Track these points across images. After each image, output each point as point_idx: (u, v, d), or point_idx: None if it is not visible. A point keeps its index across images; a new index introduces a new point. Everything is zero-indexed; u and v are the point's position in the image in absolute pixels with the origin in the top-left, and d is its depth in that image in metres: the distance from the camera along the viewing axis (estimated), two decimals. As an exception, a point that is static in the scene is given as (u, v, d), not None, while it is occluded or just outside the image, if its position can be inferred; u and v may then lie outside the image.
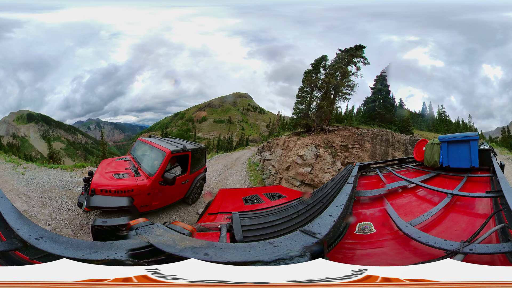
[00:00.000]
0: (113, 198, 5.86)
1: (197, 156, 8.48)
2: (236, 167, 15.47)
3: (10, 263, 2.33)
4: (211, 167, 13.91)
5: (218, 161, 16.25)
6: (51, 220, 6.36)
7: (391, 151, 13.82)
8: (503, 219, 2.91)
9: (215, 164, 15.23)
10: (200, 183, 8.87)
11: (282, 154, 14.40)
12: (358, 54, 14.40)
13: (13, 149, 17.01)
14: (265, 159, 15.81)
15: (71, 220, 6.30)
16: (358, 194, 4.32)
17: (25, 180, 8.47)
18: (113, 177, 6.44)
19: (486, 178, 4.71)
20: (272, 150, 15.81)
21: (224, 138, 21.42)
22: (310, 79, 14.98)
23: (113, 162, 8.00)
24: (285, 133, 16.81)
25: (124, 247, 2.25)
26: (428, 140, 6.32)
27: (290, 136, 15.23)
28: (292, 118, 16.07)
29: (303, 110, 15.30)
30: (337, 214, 2.88)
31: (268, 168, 14.90)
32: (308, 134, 14.82)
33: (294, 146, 13.83)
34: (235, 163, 16.22)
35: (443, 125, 16.84)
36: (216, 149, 20.43)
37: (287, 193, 7.05)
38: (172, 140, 8.83)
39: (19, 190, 7.60)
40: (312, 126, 15.14)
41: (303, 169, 12.99)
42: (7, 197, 2.87)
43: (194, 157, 8.05)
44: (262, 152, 16.65)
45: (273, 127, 20.47)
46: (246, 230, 3.12)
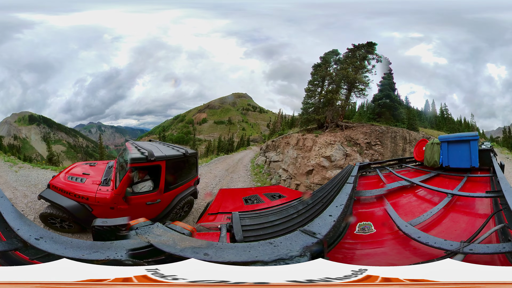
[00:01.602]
0: (62, 198, 5.97)
1: (179, 167, 6.89)
2: (239, 171, 14.51)
3: (10, 263, 2.33)
4: (209, 173, 13.31)
5: (218, 165, 15.47)
6: (25, 208, 7.48)
7: (408, 148, 13.21)
8: (503, 219, 2.91)
9: (214, 169, 14.31)
10: (187, 200, 7.16)
11: (298, 156, 12.47)
12: (371, 51, 14.07)
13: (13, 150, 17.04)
14: (271, 160, 14.47)
15: (38, 211, 6.98)
16: (358, 194, 4.31)
17: (17, 177, 9.92)
18: (66, 178, 6.48)
19: (486, 178, 4.71)
20: (280, 150, 14.39)
21: (225, 139, 21.38)
22: (323, 71, 14.15)
23: (85, 166, 7.41)
24: (292, 130, 15.90)
25: (124, 247, 2.25)
26: (433, 137, 6.31)
27: (304, 133, 13.83)
28: (302, 114, 15.04)
29: (314, 105, 14.42)
30: (337, 214, 2.88)
31: (278, 171, 13.35)
32: (322, 131, 13.76)
33: (314, 145, 12.07)
34: (237, 166, 15.45)
35: (445, 123, 16.79)
36: (217, 150, 20.31)
37: (287, 193, 7.04)
38: (162, 146, 7.66)
39: (10, 183, 9.18)
40: (325, 122, 14.17)
41: (332, 173, 11.04)
42: (7, 197, 2.88)
43: (173, 168, 6.48)
44: (267, 153, 15.38)
45: (275, 125, 20.06)
46: (246, 230, 3.12)
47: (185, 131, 22.02)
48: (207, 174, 13.14)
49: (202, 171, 13.29)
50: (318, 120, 14.43)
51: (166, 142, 10.39)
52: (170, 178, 6.36)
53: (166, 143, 8.72)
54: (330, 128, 13.99)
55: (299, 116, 16.13)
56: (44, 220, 6.02)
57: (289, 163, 12.90)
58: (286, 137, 14.54)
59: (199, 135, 22.02)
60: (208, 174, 13.15)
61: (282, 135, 15.73)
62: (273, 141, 15.69)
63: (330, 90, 14.37)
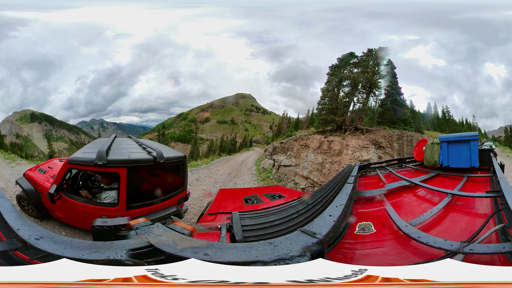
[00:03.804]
0: (28, 183, 6.28)
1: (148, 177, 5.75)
2: (243, 176, 13.09)
3: (10, 263, 2.33)
4: (209, 177, 12.20)
5: (220, 167, 14.27)
6: (13, 195, 7.57)
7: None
8: (503, 219, 2.91)
9: (215, 172, 13.02)
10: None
11: (324, 161, 11.05)
12: (382, 56, 14.10)
13: (15, 148, 17.04)
14: (280, 164, 13.19)
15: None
16: (358, 194, 4.31)
17: (12, 171, 11.04)
18: (35, 170, 6.84)
19: (486, 178, 4.71)
20: (292, 153, 13.19)
21: (227, 139, 21.29)
22: (344, 73, 13.90)
23: (58, 162, 7.29)
24: (307, 132, 15.12)
25: (124, 247, 2.25)
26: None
27: (326, 135, 13.07)
28: (319, 114, 14.60)
29: (332, 105, 13.95)
30: (337, 214, 2.88)
31: (292, 178, 12.00)
32: (340, 134, 13.29)
33: (345, 148, 11.01)
34: (240, 170, 14.21)
35: (448, 125, 16.76)
36: (219, 150, 20.09)
37: (287, 193, 7.05)
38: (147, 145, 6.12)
39: (5, 176, 10.17)
40: (344, 125, 13.87)
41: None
42: (7, 197, 2.88)
43: (142, 178, 5.48)
44: (275, 155, 14.18)
45: (281, 126, 19.67)
46: (246, 230, 3.12)
47: (188, 130, 21.95)
48: (206, 179, 12.08)
49: (201, 175, 12.44)
50: (336, 122, 13.96)
51: (152, 141, 9.09)
52: (134, 192, 5.03)
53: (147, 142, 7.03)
54: (349, 130, 13.60)
55: (315, 116, 15.69)
56: (19, 202, 6.35)
57: (310, 169, 11.43)
58: (302, 139, 13.24)
59: (201, 134, 21.98)
60: (207, 179, 12.10)
61: (290, 137, 15.07)
62: (282, 142, 14.54)
63: (349, 92, 14.15)
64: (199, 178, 12.04)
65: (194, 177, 12.01)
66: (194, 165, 14.68)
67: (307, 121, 17.72)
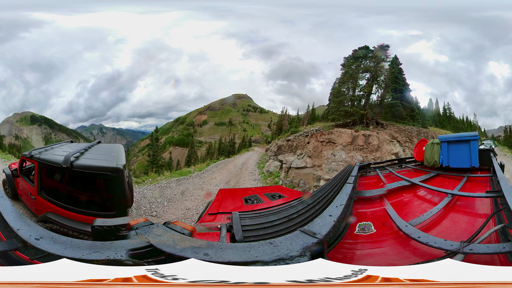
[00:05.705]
0: (9, 171, 7.33)
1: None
2: (244, 183, 11.00)
3: (10, 263, 2.33)
4: (200, 189, 10.14)
5: (216, 174, 11.98)
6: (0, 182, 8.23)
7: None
8: (503, 219, 2.91)
9: (209, 182, 10.79)
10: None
11: (364, 159, 9.54)
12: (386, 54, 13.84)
13: (13, 149, 17.03)
14: (290, 166, 11.25)
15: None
16: (358, 194, 4.31)
17: (5, 165, 11.13)
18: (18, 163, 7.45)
19: (486, 178, 4.71)
20: (304, 151, 11.44)
21: (226, 140, 21.17)
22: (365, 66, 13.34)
23: None
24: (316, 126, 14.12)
25: (124, 247, 2.26)
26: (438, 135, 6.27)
27: (357, 129, 12.32)
28: (337, 106, 13.64)
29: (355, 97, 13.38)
30: (337, 214, 2.88)
31: (314, 183, 10.16)
32: (362, 127, 12.62)
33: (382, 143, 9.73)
34: (241, 175, 12.08)
35: (449, 122, 16.67)
36: (217, 153, 19.69)
37: (287, 193, 7.04)
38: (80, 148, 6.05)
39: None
40: (366, 118, 13.16)
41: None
42: (7, 197, 2.88)
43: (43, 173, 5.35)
44: (280, 155, 12.39)
45: (281, 123, 18.93)
46: (246, 230, 3.12)
47: (186, 134, 21.87)
48: (196, 191, 9.73)
49: (189, 187, 10.20)
50: (358, 115, 13.18)
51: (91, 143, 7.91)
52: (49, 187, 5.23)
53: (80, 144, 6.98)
54: (372, 124, 12.95)
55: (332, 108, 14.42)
56: (4, 186, 7.49)
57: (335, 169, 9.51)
58: (322, 134, 11.45)
59: (199, 137, 21.92)
60: (197, 191, 9.73)
61: (296, 133, 13.95)
62: (288, 140, 12.97)
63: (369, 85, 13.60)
64: (185, 190, 9.77)
65: (179, 189, 9.86)
66: (184, 173, 12.46)
67: (307, 117, 17.44)
